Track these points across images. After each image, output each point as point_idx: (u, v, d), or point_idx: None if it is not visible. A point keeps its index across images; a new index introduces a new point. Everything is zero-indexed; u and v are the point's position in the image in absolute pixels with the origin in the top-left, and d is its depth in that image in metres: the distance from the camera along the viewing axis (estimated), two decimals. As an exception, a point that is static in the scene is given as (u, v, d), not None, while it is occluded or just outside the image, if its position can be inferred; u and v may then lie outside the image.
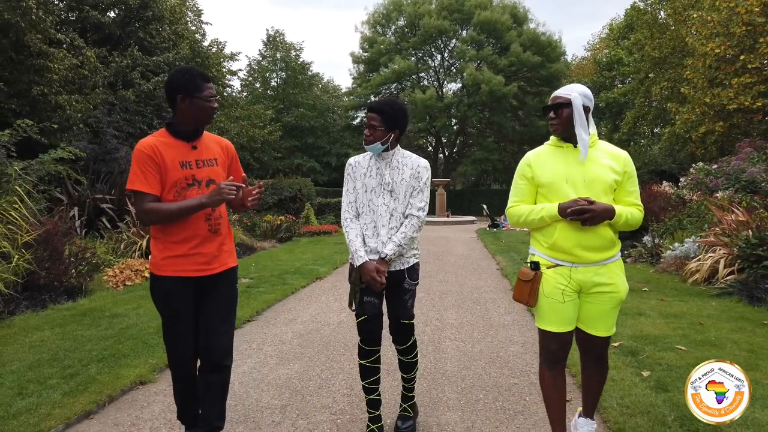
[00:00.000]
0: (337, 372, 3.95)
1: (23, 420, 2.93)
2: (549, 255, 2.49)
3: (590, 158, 2.45)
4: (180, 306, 2.54)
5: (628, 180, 2.47)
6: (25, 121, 7.95)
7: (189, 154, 2.56)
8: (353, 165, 2.92)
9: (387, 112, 2.75)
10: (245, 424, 3.05)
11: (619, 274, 2.48)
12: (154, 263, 2.55)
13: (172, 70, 2.74)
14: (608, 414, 3.02)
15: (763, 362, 3.84)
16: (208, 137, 2.69)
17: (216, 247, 2.59)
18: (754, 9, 15.20)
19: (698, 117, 17.09)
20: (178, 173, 2.50)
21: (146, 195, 2.44)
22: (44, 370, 3.74)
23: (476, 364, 4.13)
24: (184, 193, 2.51)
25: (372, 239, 2.79)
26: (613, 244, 2.44)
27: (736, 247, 6.62)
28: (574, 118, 2.42)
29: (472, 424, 3.06)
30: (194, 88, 2.50)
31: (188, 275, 2.52)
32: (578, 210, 2.33)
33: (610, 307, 2.47)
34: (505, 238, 15.10)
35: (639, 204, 2.49)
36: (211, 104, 2.55)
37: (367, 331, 2.80)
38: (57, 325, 5.01)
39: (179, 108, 2.53)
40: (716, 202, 8.60)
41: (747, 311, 5.42)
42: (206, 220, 2.55)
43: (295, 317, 5.73)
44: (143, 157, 2.45)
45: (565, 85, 2.58)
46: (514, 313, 5.86)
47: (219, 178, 2.62)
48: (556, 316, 2.47)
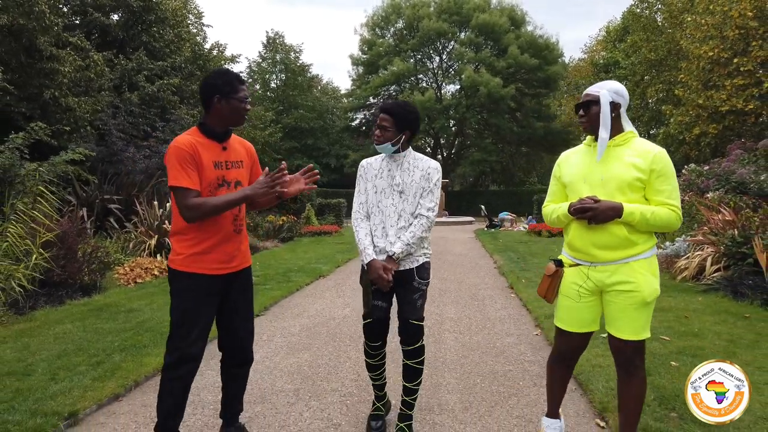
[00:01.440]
0: (344, 360, 4.24)
1: (60, 401, 3.21)
2: (569, 254, 2.54)
3: (616, 156, 2.40)
4: (200, 303, 2.56)
5: (656, 178, 2.35)
6: (38, 123, 8.21)
7: (221, 155, 2.59)
8: (365, 166, 2.95)
9: (398, 114, 2.78)
10: (263, 405, 3.34)
11: (643, 274, 2.37)
12: (176, 260, 2.56)
13: (210, 72, 2.83)
14: (593, 396, 3.31)
15: (740, 351, 4.13)
16: (234, 139, 2.73)
17: (236, 246, 2.64)
18: (747, 13, 15.51)
19: (692, 119, 17.41)
20: (211, 173, 2.53)
21: (190, 191, 2.45)
22: (72, 359, 4.01)
23: (473, 353, 4.42)
24: (215, 193, 2.54)
25: (381, 239, 2.81)
26: (630, 243, 2.36)
27: (722, 245, 6.92)
28: (601, 115, 2.39)
29: (469, 404, 3.35)
30: (231, 89, 2.54)
31: (211, 273, 2.55)
32: (580, 208, 2.34)
33: (632, 308, 2.38)
34: (503, 238, 15.39)
35: (671, 203, 2.34)
36: (245, 105, 2.58)
37: (373, 333, 2.87)
38: (77, 319, 5.29)
39: (215, 108, 2.56)
40: (705, 203, 8.90)
41: (731, 305, 5.71)
42: (233, 221, 2.61)
43: (301, 312, 6.02)
44: (184, 155, 2.46)
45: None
46: (510, 308, 6.15)
47: (244, 180, 2.68)
48: (569, 315, 2.52)
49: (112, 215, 10.26)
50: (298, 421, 3.11)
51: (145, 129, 14.57)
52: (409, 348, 2.86)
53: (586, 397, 3.36)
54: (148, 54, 16.50)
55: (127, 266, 7.89)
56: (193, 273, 2.53)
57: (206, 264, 2.54)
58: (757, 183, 9.58)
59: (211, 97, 2.55)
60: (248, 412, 3.21)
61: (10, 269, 5.58)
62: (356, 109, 37.15)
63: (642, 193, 2.37)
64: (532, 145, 36.57)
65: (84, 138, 12.59)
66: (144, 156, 12.55)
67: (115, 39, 16.69)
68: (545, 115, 35.04)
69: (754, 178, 9.79)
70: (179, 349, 2.54)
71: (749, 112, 15.61)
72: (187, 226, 2.54)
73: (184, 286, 2.55)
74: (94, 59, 13.34)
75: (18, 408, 3.09)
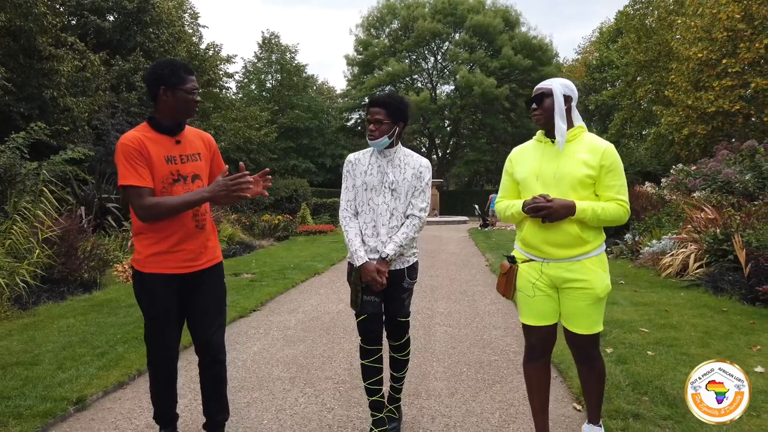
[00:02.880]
0: (338, 351, 4.43)
1: (68, 388, 3.39)
2: (523, 249, 2.53)
3: (566, 153, 2.41)
4: (165, 304, 2.49)
5: (606, 174, 2.37)
6: (38, 123, 8.37)
7: (173, 149, 2.48)
8: (353, 162, 2.84)
9: (392, 105, 2.71)
10: (260, 391, 3.53)
11: (594, 271, 2.40)
12: (138, 260, 2.49)
13: (154, 62, 2.66)
14: (572, 382, 3.51)
15: (713, 341, 4.35)
16: (191, 131, 2.61)
17: (200, 243, 2.54)
18: (735, 15, 15.75)
19: (682, 119, 17.67)
20: (164, 169, 2.42)
21: (143, 189, 2.35)
22: (77, 350, 4.19)
23: (461, 344, 4.63)
24: (170, 188, 2.43)
25: (372, 238, 2.75)
26: (582, 241, 2.37)
27: (705, 243, 7.14)
28: (554, 106, 2.40)
29: (455, 390, 3.55)
30: (177, 80, 2.42)
31: (173, 272, 2.46)
32: (534, 207, 2.33)
33: (585, 304, 2.41)
34: (495, 237, 15.62)
35: (620, 198, 2.37)
36: (194, 97, 2.47)
37: (367, 330, 2.78)
38: (79, 313, 5.46)
39: (161, 100, 2.44)
40: (689, 202, 9.14)
41: (710, 300, 5.93)
42: (193, 217, 2.50)
43: (296, 307, 6.21)
44: (131, 151, 2.36)
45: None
46: (499, 303, 6.36)
47: (203, 173, 2.58)
48: (529, 309, 2.52)
49: (110, 214, 10.41)
50: (294, 405, 3.30)
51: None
52: (396, 343, 2.89)
53: (565, 384, 3.56)
54: (144, 54, 16.64)
55: (125, 264, 8.05)
56: (154, 273, 2.45)
57: (168, 263, 2.45)
58: (742, 183, 9.82)
59: (156, 89, 2.43)
60: (246, 397, 3.41)
61: (14, 266, 5.75)
62: (351, 110, 37.37)
63: (592, 190, 2.39)
64: (526, 145, 36.83)
65: (82, 138, 12.74)
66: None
67: (111, 40, 16.83)
68: (539, 116, 35.31)
69: (739, 177, 10.03)
70: (155, 347, 2.57)
71: (736, 113, 15.88)
72: (145, 226, 2.44)
73: (147, 287, 2.48)
74: (91, 59, 13.49)
75: (28, 394, 3.27)
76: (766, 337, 4.43)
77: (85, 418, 3.13)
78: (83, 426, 3.02)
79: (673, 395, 3.21)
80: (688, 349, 4.14)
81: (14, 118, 11.51)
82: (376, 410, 2.84)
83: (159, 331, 2.54)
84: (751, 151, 10.96)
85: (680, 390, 3.30)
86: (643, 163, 19.21)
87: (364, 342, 2.81)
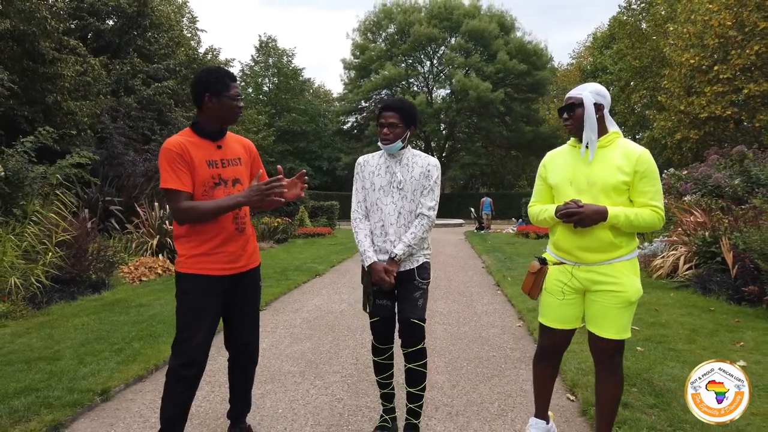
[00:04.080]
0: (344, 348, 4.65)
1: (91, 381, 3.59)
2: (555, 253, 2.57)
3: (601, 158, 2.42)
4: (200, 301, 2.52)
5: (640, 180, 2.36)
6: (46, 128, 8.55)
7: (215, 154, 2.56)
8: (362, 164, 2.89)
9: (406, 109, 2.77)
10: (273, 384, 3.74)
11: (627, 275, 2.42)
12: (180, 262, 2.55)
13: (199, 69, 2.74)
14: (566, 375, 3.74)
15: (699, 338, 4.59)
16: (231, 137, 2.70)
17: (241, 246, 2.60)
18: (726, 23, 16.06)
19: (674, 124, 17.99)
20: (205, 172, 2.50)
21: (181, 193, 2.44)
22: (95, 346, 4.39)
23: (461, 341, 4.85)
24: (211, 192, 2.51)
25: (380, 238, 2.78)
26: (614, 246, 2.39)
27: (694, 245, 7.40)
28: (586, 116, 2.42)
29: (456, 383, 3.77)
30: (222, 87, 2.50)
31: (215, 273, 2.53)
32: (566, 212, 2.36)
33: (617, 307, 2.41)
34: (491, 240, 15.86)
35: (654, 204, 2.37)
36: (238, 103, 2.56)
37: (379, 332, 2.82)
38: (91, 312, 5.65)
39: (206, 107, 2.53)
40: (680, 206, 9.40)
41: (699, 300, 6.18)
42: (234, 220, 2.56)
43: (300, 307, 6.42)
44: (173, 156, 2.44)
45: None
46: (495, 303, 6.59)
47: (243, 177, 2.65)
48: (552, 311, 2.56)
49: (114, 217, 10.59)
50: (306, 396, 3.52)
51: (144, 132, 14.90)
52: (410, 350, 2.77)
53: (560, 376, 3.78)
54: (142, 57, 16.83)
55: (131, 265, 8.25)
56: (196, 274, 2.51)
57: (210, 265, 2.52)
58: (731, 187, 10.09)
59: (202, 95, 2.52)
60: (260, 389, 3.62)
61: (29, 267, 5.94)
62: (348, 113, 37.67)
63: (626, 196, 2.39)
64: (521, 149, 37.24)
65: (84, 141, 12.91)
66: (144, 159, 12.90)
67: (110, 43, 17.01)
68: (534, 119, 35.73)
69: (728, 182, 10.31)
70: (186, 353, 2.48)
71: (728, 118, 16.20)
72: (188, 229, 2.52)
73: (188, 287, 2.53)
74: (91, 63, 13.68)
75: (55, 386, 3.47)
76: (749, 335, 4.68)
77: (110, 408, 3.34)
78: (109, 415, 3.23)
79: (659, 386, 3.44)
80: (676, 345, 4.38)
81: (19, 122, 11.68)
82: (387, 401, 2.92)
83: (192, 334, 2.48)
84: (741, 156, 11.24)
85: (667, 382, 3.54)
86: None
87: (376, 341, 2.84)
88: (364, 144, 35.31)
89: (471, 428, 3.05)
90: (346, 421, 3.14)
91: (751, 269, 6.12)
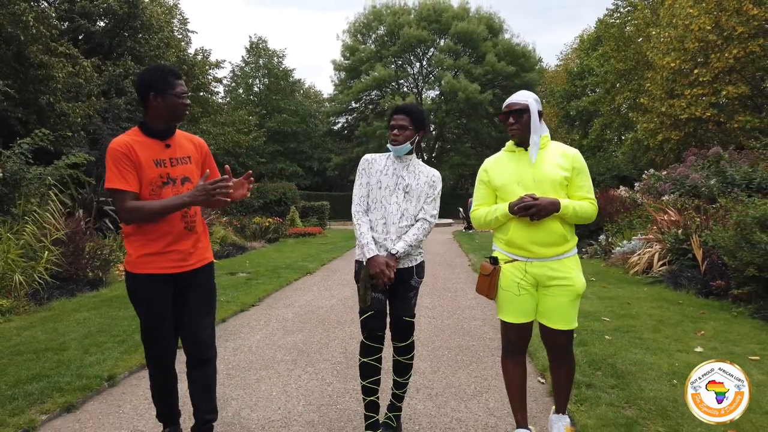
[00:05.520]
0: (333, 339, 4.94)
1: (97, 368, 3.86)
2: (506, 251, 2.68)
3: (540, 159, 2.61)
4: (159, 304, 2.55)
5: (577, 176, 2.61)
6: (42, 130, 8.77)
7: (163, 153, 2.55)
8: (369, 161, 2.95)
9: (416, 113, 2.86)
10: (267, 371, 4.03)
11: (574, 269, 2.61)
12: (130, 261, 2.55)
13: (143, 69, 2.76)
14: (537, 361, 4.05)
15: (665, 328, 4.93)
16: (181, 135, 2.68)
17: (191, 244, 2.60)
18: (706, 27, 16.49)
19: (656, 126, 18.44)
20: (152, 172, 2.49)
21: (126, 193, 2.43)
22: (98, 338, 4.65)
23: (443, 333, 5.16)
24: (159, 191, 2.50)
25: (381, 235, 2.84)
26: (565, 239, 2.58)
27: (668, 242, 7.77)
28: (532, 122, 2.59)
29: (438, 368, 4.08)
30: (166, 85, 2.49)
31: (165, 272, 2.53)
32: (524, 206, 2.50)
33: (567, 300, 2.59)
34: (479, 239, 16.22)
35: (591, 197, 2.62)
36: (184, 101, 2.54)
37: (371, 328, 2.81)
38: (92, 308, 5.91)
39: (151, 106, 2.52)
40: (655, 205, 9.79)
41: (670, 295, 6.53)
42: (182, 218, 2.56)
43: (292, 302, 6.70)
44: (119, 156, 2.44)
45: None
46: (479, 299, 6.89)
47: (193, 175, 2.63)
48: (513, 307, 2.66)
49: (107, 217, 10.80)
50: (298, 381, 3.81)
51: (135, 133, 15.07)
52: (401, 345, 2.91)
53: (532, 362, 4.10)
54: (134, 59, 17.00)
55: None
56: (146, 274, 2.52)
57: (160, 264, 2.52)
58: (708, 187, 10.50)
59: (146, 95, 2.51)
60: (255, 375, 3.91)
61: (30, 264, 6.17)
62: (338, 114, 37.93)
63: (566, 191, 2.62)
64: (510, 150, 37.64)
65: (77, 143, 13.09)
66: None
67: (101, 45, 17.17)
68: (522, 121, 36.12)
69: (704, 182, 10.71)
70: (153, 347, 2.64)
71: (707, 119, 16.66)
72: (136, 228, 2.53)
73: (140, 288, 2.56)
74: (83, 65, 13.84)
75: (64, 373, 3.74)
76: (711, 325, 5.02)
77: (117, 392, 3.61)
78: (116, 398, 3.50)
79: (622, 369, 3.77)
80: (642, 335, 4.72)
81: (12, 124, 11.85)
82: (372, 411, 2.88)
83: (156, 331, 2.60)
84: (717, 157, 11.67)
85: (629, 366, 3.87)
86: (620, 168, 19.98)
87: (367, 339, 2.84)
88: (355, 144, 35.59)
89: (449, 407, 3.35)
90: (335, 401, 3.44)
91: (719, 265, 6.49)
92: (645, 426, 2.90)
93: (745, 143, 14.86)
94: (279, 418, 3.18)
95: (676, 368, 3.79)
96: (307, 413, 3.26)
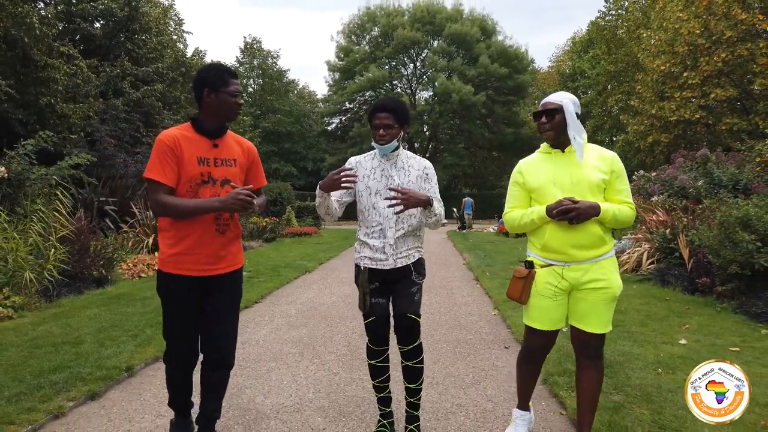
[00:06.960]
0: (336, 333, 5.17)
1: (115, 360, 4.06)
2: (542, 255, 2.60)
3: (577, 161, 2.54)
4: (184, 303, 2.57)
5: (616, 179, 2.54)
6: (45, 132, 8.93)
7: (209, 152, 2.55)
8: (354, 166, 2.85)
9: (399, 110, 2.75)
10: (276, 362, 4.25)
11: (612, 271, 2.54)
12: (162, 259, 2.59)
13: (202, 66, 2.82)
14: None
15: (651, 322, 5.20)
16: (232, 137, 2.69)
17: (220, 248, 2.57)
18: (695, 31, 16.83)
19: (647, 128, 18.79)
20: (194, 169, 2.49)
21: (161, 185, 2.45)
22: (111, 333, 4.86)
23: (441, 327, 5.40)
24: (197, 189, 2.50)
25: (378, 240, 2.76)
26: (603, 241, 2.50)
27: (656, 242, 8.05)
28: (567, 122, 2.52)
29: (437, 360, 4.31)
30: (221, 83, 2.52)
31: (192, 274, 2.53)
32: (563, 209, 2.41)
33: (604, 303, 2.52)
34: (472, 239, 16.48)
35: (629, 201, 2.55)
36: (237, 100, 2.56)
37: (374, 331, 2.80)
38: (101, 304, 6.10)
39: (204, 102, 2.54)
40: (645, 206, 10.08)
41: (657, 292, 6.80)
42: (215, 220, 2.54)
43: (294, 299, 6.92)
44: (164, 148, 2.46)
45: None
46: (474, 295, 7.15)
47: (235, 179, 2.60)
48: (543, 314, 2.59)
49: (108, 216, 10.97)
50: (306, 371, 4.04)
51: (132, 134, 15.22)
52: (407, 348, 2.79)
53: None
54: (132, 61, 17.14)
55: (130, 262, 8.67)
56: (173, 274, 2.54)
57: (187, 265, 2.53)
58: (695, 188, 10.80)
59: (201, 91, 2.54)
60: (265, 366, 4.13)
61: (40, 262, 6.36)
62: (333, 114, 38.16)
63: (603, 194, 2.54)
64: (502, 150, 38.07)
65: (77, 144, 13.23)
66: (135, 161, 13.27)
67: (100, 46, 17.29)
68: (515, 122, 36.56)
69: (692, 183, 11.02)
70: (172, 346, 2.68)
71: (696, 121, 17.01)
72: (168, 223, 2.54)
73: (165, 286, 2.59)
74: (80, 66, 13.98)
75: (84, 365, 3.94)
76: (696, 320, 5.29)
77: (135, 381, 3.82)
78: (135, 387, 3.72)
79: (610, 360, 4.02)
80: (630, 328, 4.98)
81: (13, 125, 11.99)
82: (384, 405, 2.92)
83: (178, 329, 2.63)
84: (704, 159, 11.97)
85: (617, 356, 4.13)
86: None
87: (371, 342, 2.84)
88: (349, 145, 35.80)
89: (449, 394, 3.59)
90: (343, 389, 3.67)
91: (705, 263, 6.76)
92: (630, 409, 3.15)
93: (732, 145, 15.20)
94: (291, 404, 3.41)
95: (661, 358, 4.05)
96: (317, 399, 3.48)
